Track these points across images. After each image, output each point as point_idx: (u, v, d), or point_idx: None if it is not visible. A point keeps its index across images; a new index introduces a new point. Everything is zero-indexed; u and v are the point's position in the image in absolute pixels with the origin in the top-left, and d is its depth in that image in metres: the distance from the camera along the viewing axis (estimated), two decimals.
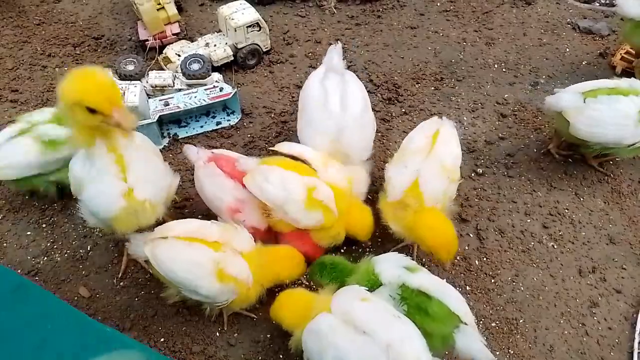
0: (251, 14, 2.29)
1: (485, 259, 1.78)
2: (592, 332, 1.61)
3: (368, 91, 2.28)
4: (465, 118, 2.18)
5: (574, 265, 1.75)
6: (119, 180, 1.38)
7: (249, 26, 2.28)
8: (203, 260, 1.40)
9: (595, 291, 1.69)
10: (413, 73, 2.34)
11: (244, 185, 1.63)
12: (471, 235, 1.83)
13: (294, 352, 1.40)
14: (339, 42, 1.93)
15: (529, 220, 1.87)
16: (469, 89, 2.28)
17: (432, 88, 2.29)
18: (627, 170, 1.98)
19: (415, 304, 1.33)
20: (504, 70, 2.35)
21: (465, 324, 1.33)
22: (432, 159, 1.59)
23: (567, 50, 2.42)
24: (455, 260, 1.77)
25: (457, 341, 1.30)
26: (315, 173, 1.61)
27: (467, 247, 1.80)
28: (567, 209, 1.89)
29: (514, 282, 1.72)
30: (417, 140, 1.68)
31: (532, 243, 1.81)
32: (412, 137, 1.72)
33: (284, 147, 1.71)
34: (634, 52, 2.28)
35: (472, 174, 2.00)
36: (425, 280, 1.38)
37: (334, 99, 1.75)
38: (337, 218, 1.59)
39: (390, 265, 1.43)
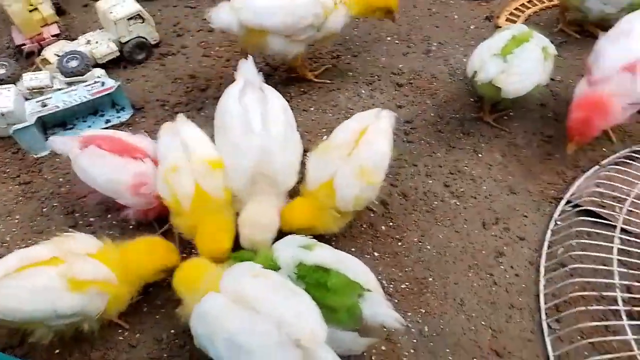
0: (131, 6, 2.17)
1: (391, 223, 1.75)
2: (500, 280, 1.61)
3: (266, 75, 2.23)
4: (363, 91, 2.16)
5: (478, 218, 1.76)
6: None
7: (130, 18, 2.16)
8: (47, 282, 1.27)
9: (500, 241, 1.70)
10: (309, 53, 2.31)
11: (134, 157, 1.56)
12: (376, 202, 1.79)
13: (199, 346, 1.29)
14: (250, 56, 1.78)
15: (430, 182, 1.86)
16: (365, 62, 2.27)
17: (330, 65, 2.27)
18: (521, 123, 2.03)
19: (314, 281, 1.26)
20: (397, 42, 2.36)
21: (369, 290, 1.27)
22: (352, 160, 1.52)
23: (456, 17, 2.48)
24: (362, 228, 1.74)
25: (363, 309, 1.23)
26: None
27: (372, 214, 1.77)
28: (467, 166, 1.90)
29: (420, 242, 1.70)
30: (342, 136, 1.59)
31: (436, 203, 1.80)
32: (341, 129, 1.63)
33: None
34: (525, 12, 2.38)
35: None
36: (322, 254, 1.32)
37: (255, 118, 1.58)
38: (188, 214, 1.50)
39: (286, 247, 1.36)
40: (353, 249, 1.68)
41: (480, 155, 1.93)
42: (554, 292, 1.54)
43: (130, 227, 1.72)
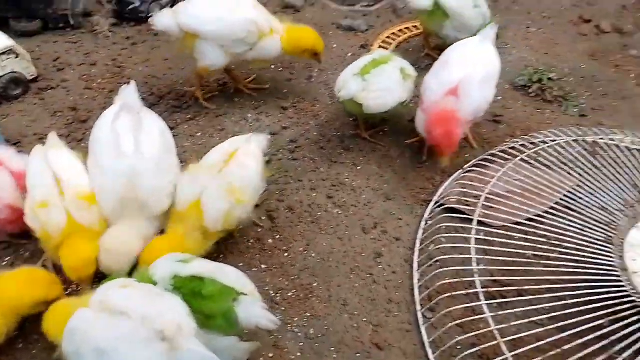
0: (3, 41, 2.13)
1: (278, 236, 1.82)
2: (379, 279, 1.72)
3: (151, 104, 2.26)
4: (249, 115, 2.26)
5: (358, 225, 1.88)
6: None
7: (2, 54, 2.11)
8: None
9: (379, 243, 1.83)
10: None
11: None
12: (264, 218, 1.87)
13: None
14: (132, 81, 1.80)
15: (315, 194, 1.97)
16: (251, 90, 2.38)
17: (217, 92, 2.35)
18: (394, 137, 2.21)
19: (189, 291, 1.28)
20: (280, 69, 2.50)
21: (244, 294, 1.32)
22: (221, 178, 1.57)
23: (335, 46, 2.68)
24: (250, 243, 1.79)
25: (238, 313, 1.27)
26: None
27: (260, 230, 1.84)
28: (348, 178, 2.04)
29: (306, 251, 1.78)
30: (213, 157, 1.66)
31: (320, 213, 1.91)
32: (213, 151, 1.69)
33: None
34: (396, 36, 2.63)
35: None
36: (197, 266, 1.35)
37: (127, 140, 1.58)
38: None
39: (163, 263, 1.37)
40: (241, 264, 1.73)
41: (359, 167, 2.08)
42: (426, 284, 1.68)
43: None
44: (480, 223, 1.82)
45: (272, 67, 2.50)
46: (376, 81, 1.98)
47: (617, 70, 2.58)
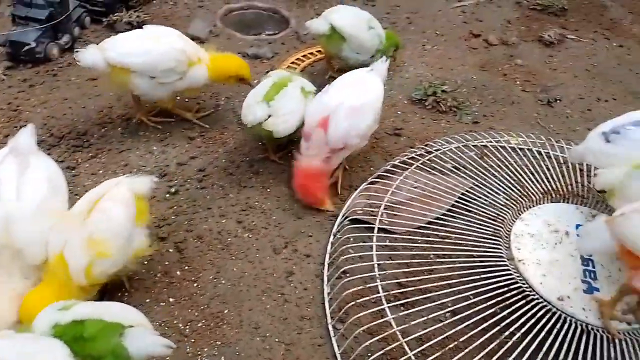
0: None
1: (186, 267, 1.80)
2: (290, 297, 1.74)
3: (50, 145, 2.20)
4: (155, 148, 2.24)
5: (269, 246, 1.90)
6: None
7: None
8: None
9: (290, 262, 1.86)
10: (98, 119, 2.34)
11: None
12: (171, 250, 1.85)
13: None
14: (30, 124, 1.74)
15: (224, 221, 1.97)
16: (156, 123, 2.37)
17: (120, 129, 2.31)
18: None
19: (71, 337, 1.22)
20: (186, 100, 2.50)
21: (131, 326, 1.28)
22: (83, 229, 1.48)
23: None
24: (157, 277, 1.76)
25: (128, 347, 1.23)
26: None
27: (167, 263, 1.81)
28: (258, 202, 2.06)
29: (215, 279, 1.77)
30: (80, 203, 1.56)
31: (230, 239, 1.91)
32: (84, 196, 1.59)
33: None
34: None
35: (167, 195, 2.04)
36: (77, 310, 1.29)
37: (8, 185, 1.51)
38: None
39: (43, 315, 1.29)
40: (147, 300, 1.69)
41: (269, 190, 2.11)
42: (335, 296, 1.72)
43: None
44: (383, 231, 1.90)
45: (178, 97, 2.50)
46: (281, 106, 2.04)
47: (505, 78, 2.81)
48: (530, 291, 1.55)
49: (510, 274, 1.59)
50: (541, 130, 2.45)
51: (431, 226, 1.91)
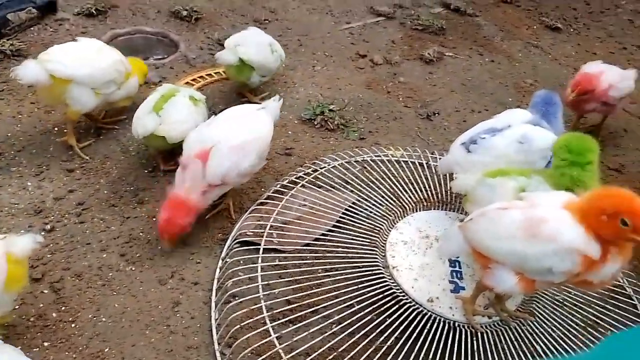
0: None
1: (63, 308, 1.71)
2: (176, 328, 1.70)
3: None
4: (29, 183, 2.11)
5: (154, 277, 1.85)
6: None
7: None
8: None
9: (177, 292, 1.82)
10: None
11: None
12: (46, 291, 1.74)
13: None
14: None
15: (105, 255, 1.89)
16: (31, 155, 2.24)
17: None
18: None
19: None
20: (65, 130, 2.40)
21: None
22: None
23: None
24: (30, 322, 1.65)
25: None
26: None
27: (42, 305, 1.70)
28: (143, 232, 2.00)
29: (95, 317, 1.69)
30: None
31: (111, 274, 1.84)
32: None
33: None
34: None
35: (42, 233, 1.92)
36: None
37: None
38: None
39: None
40: (20, 347, 1.56)
41: (155, 218, 2.04)
42: (223, 321, 1.70)
43: None
44: (273, 250, 1.93)
45: (56, 129, 2.38)
46: (170, 113, 2.14)
47: (389, 95, 2.98)
48: (403, 295, 1.65)
49: (386, 281, 1.68)
50: (421, 143, 2.62)
51: (319, 242, 1.97)
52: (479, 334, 1.56)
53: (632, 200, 1.23)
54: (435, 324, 1.57)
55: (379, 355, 1.49)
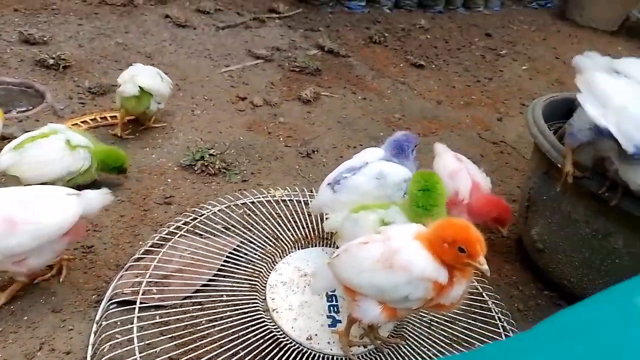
0: None
1: None
2: None
3: None
4: None
5: (20, 352, 1.69)
6: None
7: None
8: None
9: None
10: None
11: None
12: None
13: None
14: None
15: None
16: None
17: None
18: None
19: None
20: None
21: None
22: None
23: None
24: None
25: None
26: None
27: None
28: (4, 303, 1.84)
29: None
30: None
31: None
32: None
33: None
34: None
35: None
36: None
37: None
38: None
39: None
40: None
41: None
42: None
43: None
44: (153, 307, 1.87)
45: None
46: (32, 154, 2.10)
47: (270, 136, 3.07)
48: (283, 337, 1.69)
49: (266, 325, 1.72)
50: (302, 180, 2.74)
51: (201, 292, 1.95)
52: None
53: (468, 230, 1.41)
54: None
55: None
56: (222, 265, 2.02)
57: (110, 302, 1.89)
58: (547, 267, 2.22)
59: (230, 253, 2.08)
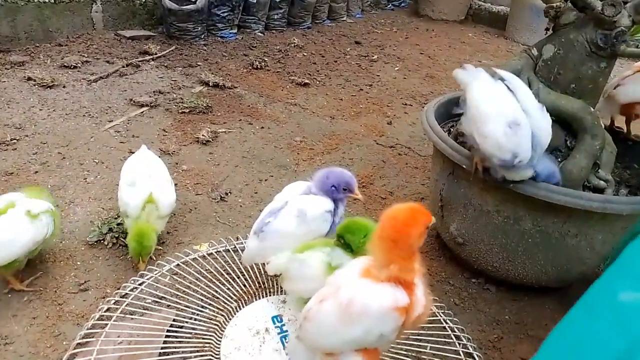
0: None
1: None
2: None
3: None
4: None
5: None
6: None
7: None
8: None
9: None
10: None
11: None
12: None
13: None
14: None
15: None
16: None
17: None
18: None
19: None
20: None
21: None
22: None
23: None
24: None
25: None
26: None
27: None
28: None
29: None
30: None
31: None
32: None
33: None
34: None
35: None
36: None
37: None
38: None
39: None
40: None
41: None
42: None
43: None
44: None
45: None
46: None
47: (177, 187, 2.85)
48: None
49: None
50: (224, 228, 2.65)
51: None
52: None
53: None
54: None
55: None
56: (163, 345, 1.89)
57: None
58: (471, 258, 2.40)
59: (169, 329, 1.95)
